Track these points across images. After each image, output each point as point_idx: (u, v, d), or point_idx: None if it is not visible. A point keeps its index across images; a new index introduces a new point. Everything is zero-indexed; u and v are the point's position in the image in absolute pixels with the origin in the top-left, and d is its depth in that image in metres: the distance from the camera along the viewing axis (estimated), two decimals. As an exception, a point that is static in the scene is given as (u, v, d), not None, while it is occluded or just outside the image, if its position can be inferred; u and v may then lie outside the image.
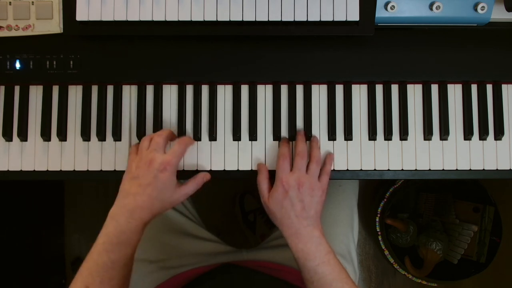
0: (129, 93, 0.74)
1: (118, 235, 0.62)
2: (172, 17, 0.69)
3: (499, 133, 0.74)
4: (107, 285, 0.61)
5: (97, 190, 1.52)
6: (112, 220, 0.64)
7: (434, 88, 0.75)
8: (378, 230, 1.38)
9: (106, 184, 1.51)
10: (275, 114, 0.74)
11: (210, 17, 0.69)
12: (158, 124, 0.73)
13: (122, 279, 0.63)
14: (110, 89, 0.74)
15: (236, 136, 0.73)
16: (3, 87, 0.74)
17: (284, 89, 0.74)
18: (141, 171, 0.64)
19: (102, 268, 0.61)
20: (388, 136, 0.73)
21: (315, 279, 0.65)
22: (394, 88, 0.75)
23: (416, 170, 0.74)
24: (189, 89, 0.74)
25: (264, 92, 0.74)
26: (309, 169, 0.69)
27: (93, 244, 0.63)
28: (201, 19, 0.69)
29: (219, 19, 0.69)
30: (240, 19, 0.69)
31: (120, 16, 0.69)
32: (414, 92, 0.75)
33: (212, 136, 0.73)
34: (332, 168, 0.72)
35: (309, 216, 0.67)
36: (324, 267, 0.65)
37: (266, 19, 0.69)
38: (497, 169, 0.74)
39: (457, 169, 0.74)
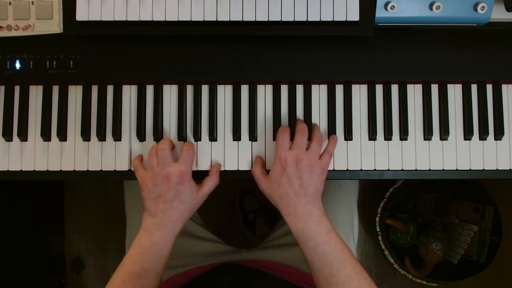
0: (129, 93, 0.74)
1: (152, 246, 0.65)
2: (172, 17, 0.69)
3: (499, 133, 0.74)
4: None
5: (97, 190, 1.52)
6: (145, 232, 0.66)
7: (434, 88, 0.75)
8: (378, 230, 1.38)
9: (106, 184, 1.51)
10: (275, 114, 0.74)
11: (210, 17, 0.69)
12: (158, 124, 0.73)
13: None
14: (110, 89, 0.74)
15: (236, 136, 0.73)
16: (3, 87, 0.74)
17: (284, 89, 0.74)
18: (162, 188, 0.66)
19: (135, 276, 0.64)
20: (388, 136, 0.73)
21: (315, 259, 0.63)
22: (394, 88, 0.75)
23: (416, 170, 0.73)
24: (189, 89, 0.74)
25: (264, 92, 0.74)
26: (310, 147, 0.68)
27: (125, 255, 0.66)
28: (201, 19, 0.69)
29: (219, 19, 0.69)
30: (240, 19, 0.69)
31: (120, 16, 0.69)
32: (414, 92, 0.75)
33: (212, 136, 0.73)
34: (334, 152, 0.71)
35: (308, 193, 0.65)
36: (324, 246, 0.63)
37: (266, 19, 0.69)
38: (497, 169, 0.74)
39: (457, 169, 0.74)
